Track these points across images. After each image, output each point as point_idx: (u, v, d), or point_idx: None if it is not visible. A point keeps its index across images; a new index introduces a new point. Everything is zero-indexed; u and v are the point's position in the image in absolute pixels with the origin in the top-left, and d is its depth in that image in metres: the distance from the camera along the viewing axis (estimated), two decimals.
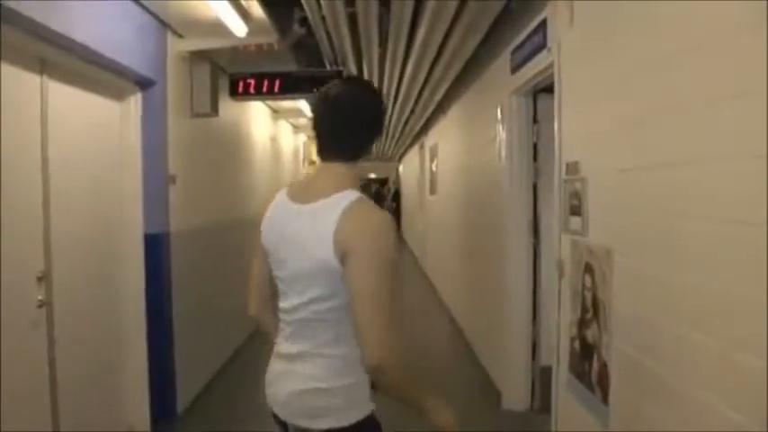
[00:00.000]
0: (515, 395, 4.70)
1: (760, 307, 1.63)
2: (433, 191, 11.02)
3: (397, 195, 23.27)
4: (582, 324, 3.05)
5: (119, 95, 4.09)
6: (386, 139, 14.46)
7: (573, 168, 3.16)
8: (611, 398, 2.69)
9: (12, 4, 2.55)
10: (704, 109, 1.94)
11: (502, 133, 4.83)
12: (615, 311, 2.66)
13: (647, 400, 2.37)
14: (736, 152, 1.78)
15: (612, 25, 2.68)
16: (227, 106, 5.78)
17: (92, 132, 3.75)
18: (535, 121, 4.51)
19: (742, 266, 1.75)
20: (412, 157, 15.80)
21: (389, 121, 10.86)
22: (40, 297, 3.13)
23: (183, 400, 4.71)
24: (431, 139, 11.12)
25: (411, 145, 15.74)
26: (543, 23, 3.61)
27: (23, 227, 3.04)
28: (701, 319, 1.97)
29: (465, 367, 5.94)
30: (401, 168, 23.07)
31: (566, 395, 3.35)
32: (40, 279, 3.14)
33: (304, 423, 1.72)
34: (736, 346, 1.78)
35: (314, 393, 1.70)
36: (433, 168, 10.87)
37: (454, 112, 7.82)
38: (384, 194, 23.70)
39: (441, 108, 8.48)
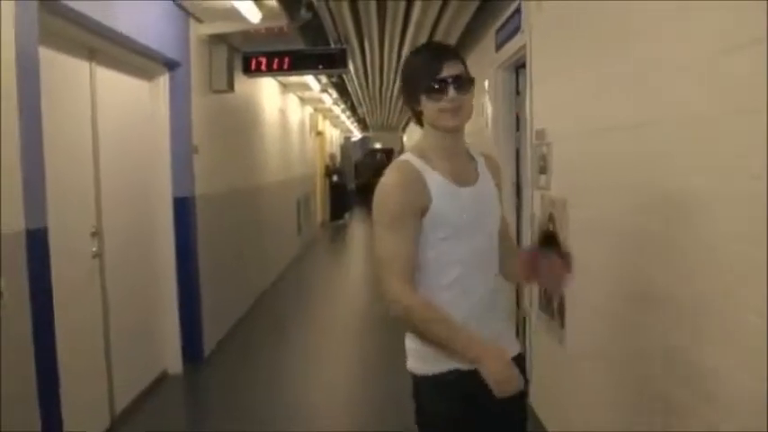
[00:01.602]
0: None
1: (680, 240, 2.07)
2: None
3: None
4: None
5: (150, 76, 4.68)
6: (389, 108, 14.90)
7: (540, 134, 3.73)
8: (567, 322, 3.29)
9: (68, 3, 3.10)
10: (640, 82, 2.39)
11: (489, 104, 5.37)
12: (570, 251, 3.23)
13: (590, 322, 2.96)
14: (665, 117, 2.17)
15: (572, 12, 3.19)
16: (241, 82, 6.34)
17: (129, 109, 4.34)
18: (517, 93, 5.03)
19: (658, 208, 2.24)
20: (415, 127, 16.26)
21: (391, 92, 11.30)
22: (93, 249, 3.74)
23: (208, 346, 5.36)
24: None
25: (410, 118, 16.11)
26: (519, 8, 4.13)
27: (79, 190, 3.65)
28: (626, 254, 2.54)
29: None
30: (405, 138, 23.52)
31: (537, 330, 3.95)
32: (93, 234, 3.75)
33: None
34: (654, 268, 2.29)
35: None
36: None
37: None
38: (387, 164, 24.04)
39: None
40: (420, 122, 1.93)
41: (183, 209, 4.93)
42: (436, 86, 1.79)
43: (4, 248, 2.51)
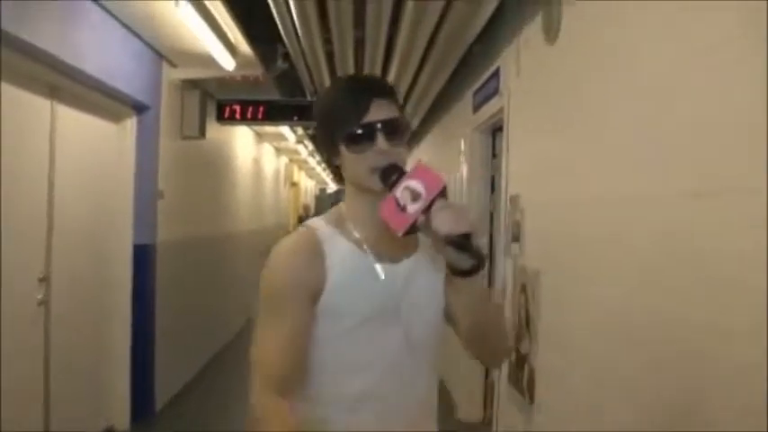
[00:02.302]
0: (469, 408, 5.11)
1: (647, 310, 2.02)
2: None
3: None
4: (518, 338, 3.49)
5: (116, 118, 4.52)
6: None
7: (514, 201, 3.63)
8: (536, 398, 3.12)
9: (27, 37, 2.96)
10: (612, 156, 2.35)
11: (464, 165, 5.30)
12: (541, 325, 3.10)
13: (559, 398, 2.81)
14: (642, 194, 2.11)
15: (551, 79, 3.14)
16: (214, 129, 6.22)
17: (91, 150, 4.17)
18: (494, 156, 4.97)
19: (636, 282, 2.13)
20: None
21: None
22: (39, 296, 3.52)
23: (160, 400, 5.08)
24: (408, 167, 11.58)
25: None
26: (498, 71, 4.09)
27: (28, 232, 3.45)
28: (606, 329, 2.40)
29: None
30: None
31: (505, 403, 3.78)
32: (40, 280, 3.53)
33: None
34: (629, 348, 2.16)
35: None
36: None
37: (426, 144, 8.31)
38: None
39: (414, 139, 8.97)
40: (340, 178, 1.53)
41: (144, 256, 4.73)
42: (360, 134, 1.35)
43: None
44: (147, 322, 4.81)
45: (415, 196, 1.26)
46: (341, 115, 1.37)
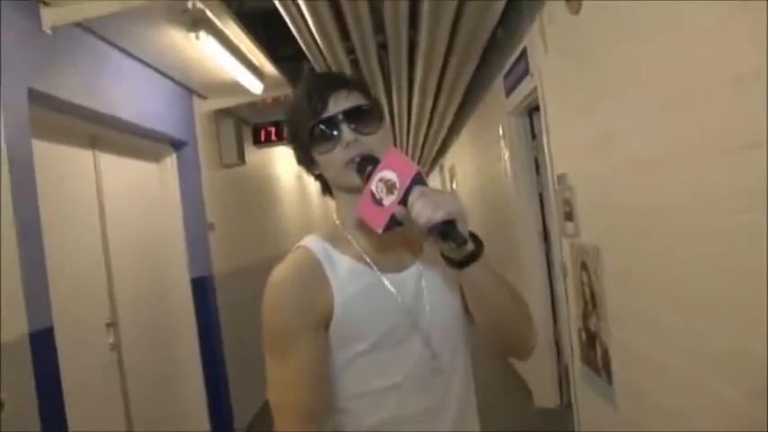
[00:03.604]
0: (545, 393, 5.03)
1: (724, 286, 1.93)
2: None
3: None
4: (585, 316, 3.42)
5: (156, 158, 4.61)
6: None
7: (562, 179, 3.55)
8: (614, 378, 3.05)
9: (60, 94, 3.04)
10: (658, 119, 2.29)
11: (505, 151, 5.23)
12: (608, 302, 3.03)
13: (641, 377, 2.73)
14: (693, 152, 2.06)
15: (579, 48, 3.07)
16: (253, 153, 6.28)
17: (136, 192, 4.25)
18: (534, 137, 4.89)
19: (704, 253, 2.05)
20: (433, 179, 16.22)
21: (407, 145, 11.26)
22: (110, 340, 3.60)
23: (239, 427, 5.13)
24: (449, 160, 11.55)
25: (432, 167, 16.12)
26: (525, 51, 4.02)
27: (90, 280, 3.53)
28: (676, 302, 2.32)
29: (498, 370, 6.24)
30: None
31: (581, 384, 3.70)
32: (108, 325, 3.61)
33: None
34: (710, 324, 2.06)
35: None
36: (454, 186, 11.26)
37: (465, 134, 8.25)
38: None
39: (453, 130, 8.91)
40: (327, 189, 1.40)
41: (202, 289, 4.79)
42: (323, 130, 1.26)
43: (5, 356, 2.37)
44: (217, 352, 4.87)
45: (390, 187, 1.14)
46: (302, 117, 1.29)
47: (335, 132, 1.25)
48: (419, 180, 1.14)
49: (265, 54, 4.41)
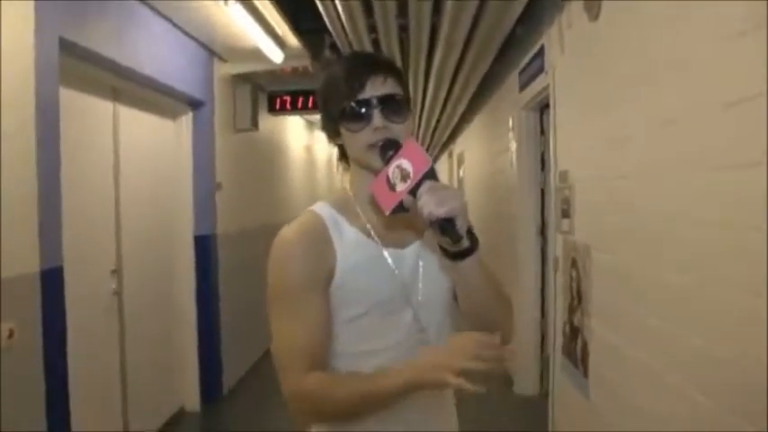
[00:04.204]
0: (525, 381, 5.18)
1: (707, 292, 1.99)
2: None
3: None
4: (570, 310, 3.54)
5: (173, 115, 4.73)
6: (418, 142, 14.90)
7: (563, 177, 3.66)
8: (590, 371, 3.18)
9: (87, 44, 3.15)
10: (663, 129, 2.35)
11: (513, 144, 5.33)
12: (593, 299, 3.15)
13: (616, 373, 2.86)
14: (695, 165, 2.10)
15: (594, 52, 3.16)
16: (266, 120, 6.39)
17: (151, 147, 4.38)
18: (542, 133, 4.99)
19: (690, 264, 2.13)
20: (442, 164, 16.29)
21: (416, 136, 11.34)
22: (113, 287, 3.74)
23: (228, 383, 5.31)
24: (458, 147, 11.62)
25: (440, 152, 16.19)
26: (542, 49, 4.11)
27: (99, 228, 3.66)
28: (657, 306, 2.41)
29: None
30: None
31: (560, 375, 3.84)
32: (113, 272, 3.75)
33: None
34: (686, 331, 2.14)
35: None
36: (461, 174, 11.35)
37: (476, 123, 8.33)
38: None
39: (464, 118, 8.97)
40: (345, 158, 1.47)
41: (205, 247, 4.93)
42: (356, 110, 1.32)
43: (17, 290, 2.51)
44: (212, 309, 5.03)
45: (405, 176, 1.23)
46: (337, 93, 1.34)
47: (367, 115, 1.31)
48: (431, 174, 1.23)
49: (289, 25, 4.50)
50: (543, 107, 4.83)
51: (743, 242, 1.75)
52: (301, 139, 8.98)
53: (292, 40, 4.77)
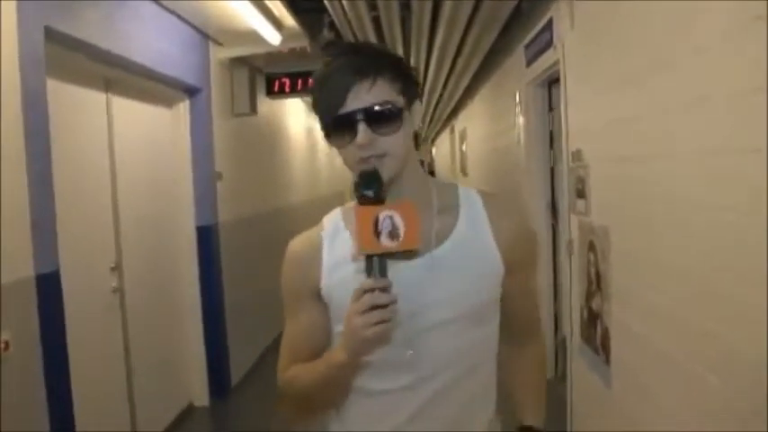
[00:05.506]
0: None
1: (728, 281, 1.91)
2: (464, 171, 11.36)
3: (431, 175, 23.72)
4: (588, 295, 3.42)
5: (169, 103, 4.57)
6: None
7: (577, 156, 3.52)
8: (612, 359, 3.06)
9: (80, 35, 3.00)
10: (684, 110, 2.24)
11: (520, 120, 5.18)
12: (613, 283, 3.02)
13: (638, 361, 2.74)
14: (709, 147, 2.03)
15: (607, 28, 3.01)
16: (265, 104, 6.23)
17: (148, 137, 4.23)
18: (550, 109, 4.84)
19: (713, 250, 2.03)
20: (444, 140, 16.15)
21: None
22: (113, 284, 3.62)
23: (235, 377, 5.22)
24: (460, 122, 11.47)
25: (443, 128, 16.05)
26: (550, 23, 3.94)
27: (97, 224, 3.53)
28: (680, 293, 2.30)
29: None
30: (434, 150, 23.44)
31: (578, 360, 3.73)
32: (113, 269, 3.63)
33: None
34: (710, 321, 2.05)
35: None
36: (464, 149, 11.22)
37: (479, 99, 8.16)
38: None
39: (467, 94, 8.82)
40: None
41: (207, 237, 4.80)
42: (337, 126, 1.16)
43: (11, 298, 2.38)
44: (217, 301, 4.91)
45: (394, 234, 1.10)
46: (318, 104, 1.20)
47: (350, 131, 1.15)
48: (410, 256, 1.18)
49: (286, 5, 4.33)
50: (552, 82, 4.68)
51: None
52: (302, 122, 8.81)
53: (289, 20, 4.59)
